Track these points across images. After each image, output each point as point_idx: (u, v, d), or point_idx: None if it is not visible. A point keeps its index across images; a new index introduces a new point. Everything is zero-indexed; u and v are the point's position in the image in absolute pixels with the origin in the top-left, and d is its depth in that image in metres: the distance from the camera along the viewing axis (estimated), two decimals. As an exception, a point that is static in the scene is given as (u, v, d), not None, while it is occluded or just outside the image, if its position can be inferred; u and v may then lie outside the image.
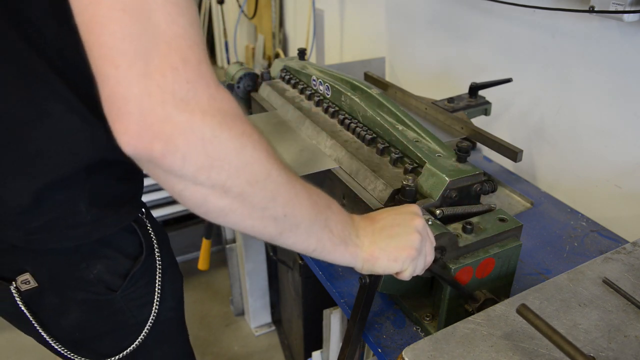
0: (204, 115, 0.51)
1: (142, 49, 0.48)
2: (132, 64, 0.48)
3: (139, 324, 0.90)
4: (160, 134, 0.49)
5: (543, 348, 0.65)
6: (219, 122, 0.52)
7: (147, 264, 0.88)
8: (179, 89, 0.50)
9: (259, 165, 0.56)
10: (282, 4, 2.91)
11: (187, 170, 0.51)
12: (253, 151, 0.55)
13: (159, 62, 0.49)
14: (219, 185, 0.53)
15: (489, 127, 1.42)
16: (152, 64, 0.49)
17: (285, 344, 2.01)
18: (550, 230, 1.16)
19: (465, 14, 1.54)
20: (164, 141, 0.49)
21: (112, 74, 0.48)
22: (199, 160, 0.51)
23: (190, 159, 0.50)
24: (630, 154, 1.17)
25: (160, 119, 0.49)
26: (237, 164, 0.54)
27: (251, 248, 1.92)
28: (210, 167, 0.52)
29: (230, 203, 0.55)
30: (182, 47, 0.50)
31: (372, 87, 1.16)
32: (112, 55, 0.48)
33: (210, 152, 0.51)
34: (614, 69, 1.16)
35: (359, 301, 0.84)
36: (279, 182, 0.59)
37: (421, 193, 0.89)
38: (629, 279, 0.77)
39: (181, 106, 0.49)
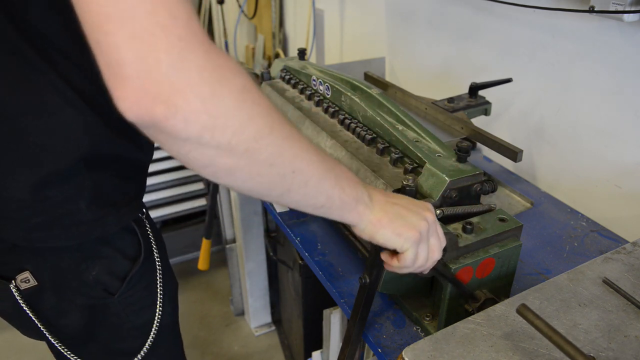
0: (201, 73, 0.49)
1: (126, 10, 0.47)
2: (119, 28, 0.47)
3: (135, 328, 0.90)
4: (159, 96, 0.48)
5: (543, 348, 0.65)
6: (218, 79, 0.50)
7: (145, 266, 0.88)
8: (172, 47, 0.48)
9: (261, 119, 0.54)
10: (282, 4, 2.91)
11: (191, 131, 0.50)
12: (253, 105, 0.54)
13: (146, 21, 0.47)
14: (224, 144, 0.52)
15: (489, 127, 1.42)
16: (140, 25, 0.47)
17: (285, 344, 2.01)
18: (550, 230, 1.16)
19: (465, 14, 1.54)
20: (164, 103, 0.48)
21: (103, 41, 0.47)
22: (201, 120, 0.50)
23: (192, 119, 0.49)
24: (630, 154, 1.17)
25: (157, 81, 0.48)
26: (240, 121, 0.52)
27: (251, 248, 1.92)
28: (213, 127, 0.51)
29: (237, 161, 0.54)
30: (171, 5, 0.49)
31: (372, 87, 1.16)
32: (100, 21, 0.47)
33: (211, 110, 0.50)
34: (614, 69, 1.16)
35: (359, 301, 0.84)
36: (285, 135, 0.57)
37: (421, 193, 0.89)
38: (629, 279, 0.77)
39: (177, 65, 0.48)
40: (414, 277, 0.84)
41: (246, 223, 1.86)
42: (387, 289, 0.84)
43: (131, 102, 0.48)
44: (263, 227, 1.88)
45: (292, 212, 1.23)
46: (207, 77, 0.50)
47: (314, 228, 1.17)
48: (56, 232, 0.76)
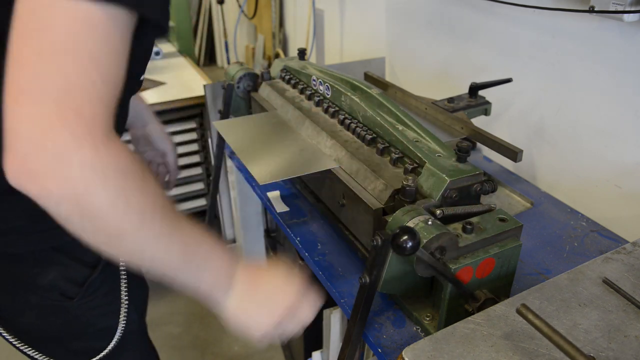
0: (82, 170, 0.53)
1: (43, 92, 0.51)
2: (29, 104, 0.51)
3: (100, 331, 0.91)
4: (35, 177, 0.52)
5: (543, 348, 0.65)
6: (96, 179, 0.54)
7: (107, 273, 0.89)
8: (63, 140, 0.52)
9: (129, 224, 0.58)
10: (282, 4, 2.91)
11: (61, 212, 0.55)
12: (126, 208, 0.57)
13: (53, 109, 0.51)
14: (89, 230, 0.57)
15: (489, 127, 1.42)
16: (46, 109, 0.51)
17: (285, 344, 2.01)
18: (550, 230, 1.16)
19: (466, 14, 1.54)
20: (39, 185, 0.52)
21: (10, 107, 0.51)
22: (70, 209, 0.54)
23: (63, 206, 0.54)
24: (630, 154, 1.17)
25: (39, 164, 0.51)
26: (106, 221, 0.56)
27: (251, 248, 1.92)
28: (81, 216, 0.55)
29: (98, 243, 0.59)
30: (83, 99, 0.53)
31: (372, 87, 1.16)
32: (17, 90, 0.51)
33: (82, 205, 0.54)
34: (614, 69, 1.16)
35: (359, 301, 0.84)
36: (148, 238, 0.61)
37: (421, 193, 0.89)
38: (629, 279, 0.77)
39: (61, 157, 0.52)
40: (414, 277, 0.84)
41: (246, 223, 1.86)
42: (387, 289, 0.84)
43: (13, 170, 0.52)
44: (263, 227, 1.88)
45: (292, 212, 1.24)
46: (87, 176, 0.53)
47: (314, 228, 1.17)
48: (8, 240, 0.77)
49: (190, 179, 2.22)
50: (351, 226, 1.04)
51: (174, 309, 2.22)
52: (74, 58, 0.53)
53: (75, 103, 0.53)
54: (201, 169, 2.22)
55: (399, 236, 0.72)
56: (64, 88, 0.52)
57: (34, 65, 0.52)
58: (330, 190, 1.09)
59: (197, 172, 2.22)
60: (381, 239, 0.77)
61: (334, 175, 1.04)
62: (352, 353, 0.88)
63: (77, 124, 0.53)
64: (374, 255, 0.79)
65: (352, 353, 0.88)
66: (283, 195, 1.30)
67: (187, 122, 2.14)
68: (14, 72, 0.52)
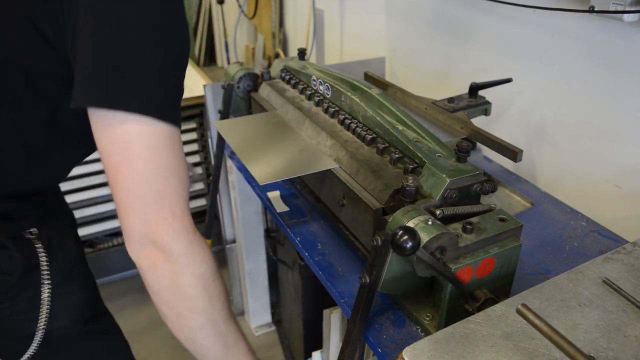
0: (179, 255, 0.76)
1: (143, 205, 0.73)
2: (137, 215, 0.74)
3: (27, 336, 0.93)
4: (145, 261, 0.76)
5: (543, 348, 0.65)
6: (188, 262, 0.77)
7: (27, 280, 0.91)
8: (165, 236, 0.75)
9: (200, 303, 0.80)
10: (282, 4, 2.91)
11: (157, 288, 0.79)
12: (203, 291, 0.80)
13: (155, 214, 0.74)
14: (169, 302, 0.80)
15: (489, 127, 1.42)
16: (150, 215, 0.74)
17: (285, 344, 2.01)
18: (550, 230, 1.16)
19: (466, 14, 1.54)
20: (147, 267, 0.77)
21: (124, 215, 0.74)
22: (166, 283, 0.78)
23: (162, 280, 0.77)
24: (630, 154, 1.17)
25: (147, 254, 0.76)
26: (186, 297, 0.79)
27: (251, 248, 1.92)
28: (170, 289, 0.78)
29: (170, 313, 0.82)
30: (172, 202, 0.75)
31: (372, 87, 1.16)
32: (126, 205, 0.74)
33: (174, 281, 0.77)
34: (614, 69, 1.16)
35: (359, 301, 0.84)
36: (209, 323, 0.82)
37: (421, 193, 0.89)
38: (629, 279, 0.77)
39: (164, 249, 0.75)
40: (414, 277, 0.84)
41: (246, 223, 1.85)
42: (387, 289, 0.84)
43: (132, 253, 0.77)
44: (263, 227, 1.88)
45: (292, 212, 1.24)
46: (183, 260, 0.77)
47: (314, 228, 1.17)
48: None
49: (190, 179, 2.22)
50: (351, 226, 1.04)
51: (174, 309, 2.22)
52: (158, 174, 0.73)
53: (168, 206, 0.74)
54: (201, 169, 2.22)
55: (399, 236, 0.72)
56: (158, 198, 0.73)
57: (131, 188, 0.72)
58: (330, 190, 1.09)
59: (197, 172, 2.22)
60: (381, 239, 0.77)
61: (334, 175, 1.04)
62: (352, 353, 0.88)
63: (173, 220, 0.75)
64: (374, 255, 0.79)
65: (352, 353, 0.88)
66: (283, 195, 1.30)
67: (187, 122, 2.14)
68: (118, 194, 0.74)
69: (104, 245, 2.20)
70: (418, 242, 0.72)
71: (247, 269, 1.96)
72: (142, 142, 0.72)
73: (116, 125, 0.71)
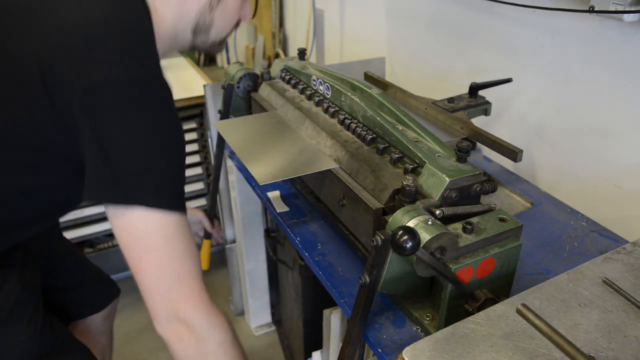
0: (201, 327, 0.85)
1: (165, 287, 0.83)
2: (161, 297, 0.84)
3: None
4: (171, 336, 0.85)
5: (543, 348, 0.65)
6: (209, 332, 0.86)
7: None
8: (188, 312, 0.84)
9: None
10: (282, 4, 2.91)
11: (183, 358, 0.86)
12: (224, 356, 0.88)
13: (177, 294, 0.83)
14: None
15: (489, 127, 1.42)
16: (173, 296, 0.83)
17: (285, 344, 2.01)
18: (550, 230, 1.16)
19: (465, 14, 1.54)
20: (175, 340, 0.85)
21: (149, 298, 0.84)
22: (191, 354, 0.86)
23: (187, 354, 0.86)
24: (630, 154, 1.17)
25: (173, 329, 0.84)
26: None
27: (251, 248, 1.92)
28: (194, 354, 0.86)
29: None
30: (190, 281, 0.84)
31: (372, 87, 1.16)
32: (150, 289, 0.84)
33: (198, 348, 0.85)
34: (614, 69, 1.16)
35: (359, 301, 0.84)
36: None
37: (421, 193, 0.89)
38: (629, 279, 0.77)
39: (188, 323, 0.84)
40: (414, 277, 0.84)
41: (246, 223, 1.85)
42: (387, 289, 0.84)
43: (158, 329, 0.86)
44: (263, 227, 1.88)
45: (292, 212, 1.24)
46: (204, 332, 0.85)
47: (314, 228, 1.17)
48: None
49: (190, 179, 2.22)
50: (351, 226, 1.04)
51: (174, 309, 2.22)
52: (175, 259, 0.83)
53: (187, 286, 0.84)
54: (201, 169, 2.22)
55: (399, 236, 0.72)
56: (177, 280, 0.83)
57: (154, 274, 0.83)
58: (330, 190, 1.09)
59: (197, 172, 2.22)
60: (381, 239, 0.77)
61: (334, 175, 1.04)
62: (352, 353, 0.88)
63: (192, 297, 0.84)
64: (374, 255, 0.79)
65: (352, 353, 0.88)
66: (283, 195, 1.30)
67: (187, 122, 2.14)
68: (142, 280, 0.83)
69: (104, 245, 2.20)
70: (418, 242, 0.72)
71: (247, 269, 1.96)
72: (159, 234, 0.82)
73: (133, 220, 0.81)
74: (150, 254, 0.82)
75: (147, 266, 0.83)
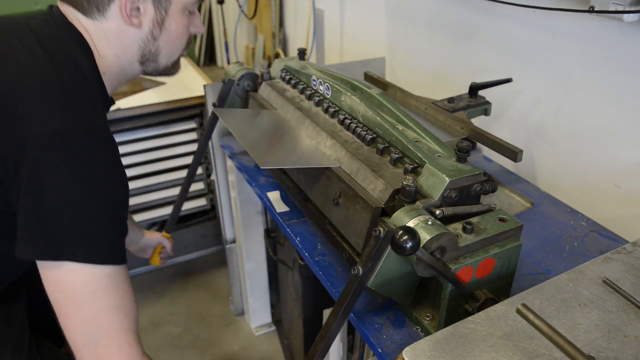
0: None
1: (92, 342, 0.81)
2: (87, 351, 0.81)
3: None
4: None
5: (543, 348, 0.65)
6: None
7: None
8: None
9: None
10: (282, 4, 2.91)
11: None
12: None
13: (103, 349, 0.81)
14: None
15: (489, 127, 1.42)
16: (100, 350, 0.81)
17: (285, 344, 2.01)
18: (550, 230, 1.16)
19: (465, 14, 1.54)
20: None
21: (76, 352, 0.82)
22: None
23: None
24: (630, 154, 1.17)
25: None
26: None
27: (251, 248, 1.92)
28: None
29: None
30: (119, 336, 0.82)
31: (372, 87, 1.16)
32: (77, 343, 0.82)
33: None
34: (614, 69, 1.16)
35: (347, 292, 0.82)
36: None
37: (421, 193, 0.89)
38: (629, 279, 0.77)
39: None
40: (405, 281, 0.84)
41: (246, 223, 1.85)
42: (376, 284, 0.83)
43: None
44: (263, 227, 1.88)
45: (292, 212, 1.24)
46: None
47: (314, 228, 1.17)
48: None
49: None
50: (342, 226, 1.03)
51: (174, 309, 2.22)
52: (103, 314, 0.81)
53: (115, 341, 0.81)
54: (201, 169, 2.22)
55: (399, 236, 0.72)
56: (106, 334, 0.81)
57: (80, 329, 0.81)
58: (325, 187, 1.09)
59: (197, 172, 2.22)
60: (384, 229, 0.76)
61: (332, 173, 1.04)
62: (325, 349, 0.85)
63: (120, 354, 0.81)
64: (372, 246, 0.78)
65: (325, 349, 0.85)
66: (283, 195, 1.30)
67: (187, 122, 2.14)
68: (69, 334, 0.81)
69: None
70: (418, 242, 0.72)
71: (247, 269, 1.96)
72: (87, 288, 0.80)
73: (62, 274, 0.79)
74: (77, 309, 0.80)
75: (74, 322, 0.81)
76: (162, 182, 2.14)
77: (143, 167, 2.10)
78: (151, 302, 2.24)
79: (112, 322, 0.82)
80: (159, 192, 2.16)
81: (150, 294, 2.28)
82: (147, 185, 2.09)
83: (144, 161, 2.10)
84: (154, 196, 2.15)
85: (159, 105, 2.05)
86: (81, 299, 0.80)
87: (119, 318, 0.82)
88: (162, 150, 2.12)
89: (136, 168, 2.09)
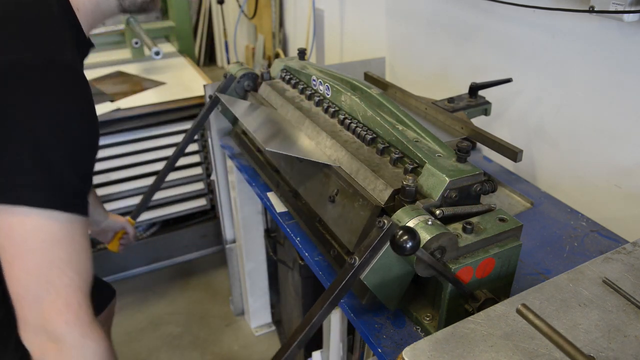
0: (69, 350, 0.75)
1: (36, 296, 0.74)
2: (30, 306, 0.74)
3: None
4: (36, 351, 0.76)
5: (543, 348, 0.65)
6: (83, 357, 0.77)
7: None
8: (58, 328, 0.74)
9: None
10: (282, 4, 2.91)
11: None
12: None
13: (49, 306, 0.74)
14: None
15: (489, 127, 1.42)
16: (44, 307, 0.74)
17: (285, 344, 2.01)
18: (550, 230, 1.16)
19: (465, 14, 1.54)
20: (38, 357, 0.76)
21: (18, 306, 0.75)
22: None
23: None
24: (630, 154, 1.17)
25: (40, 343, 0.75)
26: None
27: (251, 248, 1.92)
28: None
29: None
30: (67, 294, 0.75)
31: (372, 87, 1.16)
32: (20, 296, 0.74)
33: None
34: (614, 69, 1.16)
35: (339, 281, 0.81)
36: None
37: (421, 193, 0.89)
38: (629, 279, 0.77)
39: (56, 340, 0.75)
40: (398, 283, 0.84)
41: (246, 223, 1.85)
42: (368, 279, 0.83)
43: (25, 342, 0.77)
44: (263, 227, 1.88)
45: (292, 212, 1.23)
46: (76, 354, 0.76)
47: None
48: None
49: (190, 179, 2.22)
50: (335, 224, 1.03)
51: (174, 309, 2.22)
52: (53, 267, 0.73)
53: (63, 298, 0.74)
54: (201, 169, 2.22)
55: (399, 236, 0.72)
56: (52, 290, 0.73)
57: (25, 281, 0.73)
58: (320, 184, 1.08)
59: (197, 172, 2.22)
60: (388, 221, 0.76)
61: (331, 171, 1.04)
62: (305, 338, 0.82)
63: (67, 312, 0.74)
64: (374, 236, 0.78)
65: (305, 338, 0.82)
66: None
67: (187, 122, 2.14)
68: (12, 286, 0.74)
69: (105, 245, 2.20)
70: (418, 242, 0.72)
71: (247, 269, 1.96)
72: (38, 236, 0.73)
73: (13, 219, 0.72)
74: (24, 259, 0.73)
75: (19, 271, 0.73)
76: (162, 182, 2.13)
77: (143, 167, 2.10)
78: (151, 302, 2.24)
79: (61, 277, 0.74)
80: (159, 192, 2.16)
81: (150, 294, 2.28)
82: (147, 186, 2.09)
83: (144, 161, 2.10)
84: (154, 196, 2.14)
85: (158, 105, 2.05)
86: (29, 247, 0.73)
87: (70, 274, 0.75)
88: (162, 150, 2.12)
89: (136, 168, 2.09)
